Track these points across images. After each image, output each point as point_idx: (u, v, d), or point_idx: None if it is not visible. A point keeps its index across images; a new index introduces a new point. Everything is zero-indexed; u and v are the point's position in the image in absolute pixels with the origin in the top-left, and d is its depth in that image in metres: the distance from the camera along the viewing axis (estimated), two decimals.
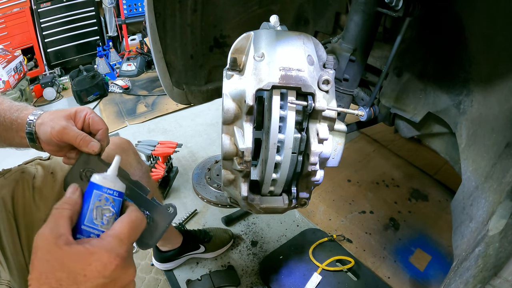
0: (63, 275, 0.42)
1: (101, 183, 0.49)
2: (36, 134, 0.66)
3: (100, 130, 0.66)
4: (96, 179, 0.50)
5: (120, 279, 0.45)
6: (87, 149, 0.61)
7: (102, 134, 0.65)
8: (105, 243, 0.45)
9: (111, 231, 0.47)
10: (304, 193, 0.76)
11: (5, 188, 0.74)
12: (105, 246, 0.44)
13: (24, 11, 3.11)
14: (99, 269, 0.43)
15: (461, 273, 0.62)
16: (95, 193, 0.49)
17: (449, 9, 0.87)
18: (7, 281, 0.65)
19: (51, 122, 0.63)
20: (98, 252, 0.44)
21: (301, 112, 0.68)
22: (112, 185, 0.50)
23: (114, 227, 0.47)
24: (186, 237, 1.38)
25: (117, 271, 0.44)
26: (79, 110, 0.66)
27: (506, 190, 0.64)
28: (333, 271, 1.36)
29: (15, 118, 0.68)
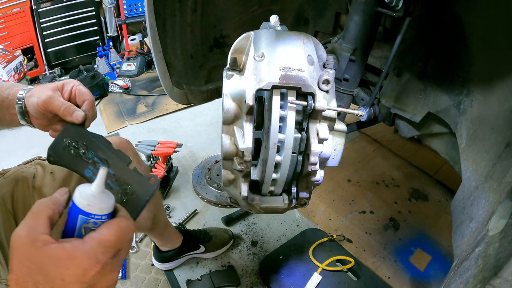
0: (41, 278, 0.40)
1: (88, 210, 0.43)
2: (25, 108, 0.66)
3: (86, 101, 0.65)
4: (80, 203, 0.43)
5: (99, 283, 0.42)
6: (71, 118, 0.61)
7: (87, 105, 0.65)
8: (87, 247, 0.42)
9: (97, 235, 0.43)
10: (304, 193, 0.76)
11: (4, 188, 0.75)
12: (87, 252, 0.41)
13: (24, 11, 3.11)
14: (78, 274, 0.41)
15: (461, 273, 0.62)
16: (81, 218, 0.44)
17: (449, 9, 0.87)
18: (6, 280, 0.65)
19: (38, 93, 0.64)
20: (79, 257, 0.41)
21: (301, 112, 0.68)
22: (99, 211, 0.44)
23: (100, 231, 0.43)
24: (186, 237, 1.38)
25: (97, 277, 0.42)
26: (66, 82, 0.67)
27: (506, 190, 0.64)
28: (333, 271, 1.37)
29: (6, 96, 0.68)
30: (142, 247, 1.53)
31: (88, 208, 0.43)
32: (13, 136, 2.59)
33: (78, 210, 0.43)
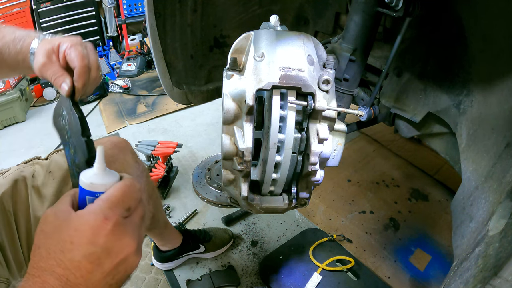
0: (52, 242, 0.39)
1: (91, 189, 0.43)
2: None
3: (76, 68, 0.58)
4: (84, 183, 0.43)
5: (114, 250, 0.39)
6: (60, 90, 0.57)
7: (77, 72, 0.58)
8: (94, 206, 0.41)
9: (103, 196, 0.42)
10: (304, 193, 0.76)
11: (4, 188, 0.75)
12: (93, 209, 0.40)
13: (24, 11, 3.11)
14: (87, 234, 0.38)
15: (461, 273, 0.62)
16: (89, 199, 0.44)
17: (449, 9, 0.87)
18: (5, 279, 0.65)
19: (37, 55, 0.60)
20: (85, 215, 0.40)
21: (301, 112, 0.68)
22: (103, 188, 0.43)
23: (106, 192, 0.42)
24: (186, 237, 1.38)
25: (109, 238, 0.39)
26: (62, 42, 0.60)
27: (506, 190, 0.64)
28: (333, 271, 1.36)
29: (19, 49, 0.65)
30: (142, 247, 1.53)
31: (91, 187, 0.43)
32: (13, 136, 2.59)
33: (84, 192, 0.43)
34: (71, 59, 0.58)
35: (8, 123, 2.69)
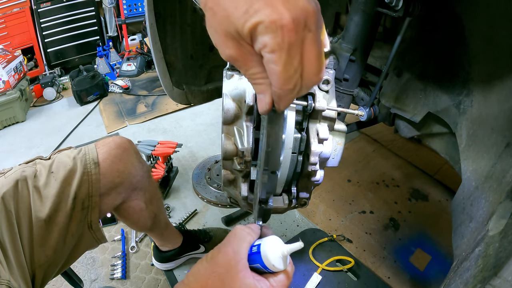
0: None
1: (267, 264, 0.49)
2: None
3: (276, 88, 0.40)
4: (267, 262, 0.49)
5: None
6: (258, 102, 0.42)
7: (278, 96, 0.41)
8: (266, 284, 0.48)
9: (277, 283, 0.49)
10: (304, 193, 0.76)
11: (5, 187, 0.74)
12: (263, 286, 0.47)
13: (24, 11, 3.11)
14: None
15: (461, 273, 0.62)
16: (258, 266, 0.50)
17: (449, 9, 0.87)
18: (6, 281, 0.65)
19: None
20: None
21: (301, 112, 0.68)
22: (273, 269, 0.49)
23: (280, 279, 0.50)
24: (186, 237, 1.38)
25: None
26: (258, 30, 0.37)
27: (506, 190, 0.64)
28: (333, 271, 1.37)
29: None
30: (142, 247, 1.53)
31: (268, 264, 0.49)
32: (13, 136, 2.59)
33: (260, 261, 0.49)
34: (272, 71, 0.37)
35: (8, 123, 2.69)
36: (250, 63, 0.38)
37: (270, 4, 0.33)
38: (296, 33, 0.34)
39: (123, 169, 0.91)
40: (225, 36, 0.37)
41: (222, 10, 0.35)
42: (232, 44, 0.37)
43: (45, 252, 0.77)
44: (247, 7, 0.33)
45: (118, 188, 0.92)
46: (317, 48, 0.37)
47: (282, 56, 0.35)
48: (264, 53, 0.35)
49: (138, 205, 1.04)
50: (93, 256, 1.49)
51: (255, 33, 0.34)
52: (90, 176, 0.84)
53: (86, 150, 0.88)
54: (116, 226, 1.63)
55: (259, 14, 0.33)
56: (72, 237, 0.83)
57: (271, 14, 0.33)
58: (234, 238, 0.51)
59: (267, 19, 0.33)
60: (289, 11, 0.33)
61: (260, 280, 0.48)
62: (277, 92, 0.38)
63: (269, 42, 0.34)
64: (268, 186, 0.52)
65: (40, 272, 0.77)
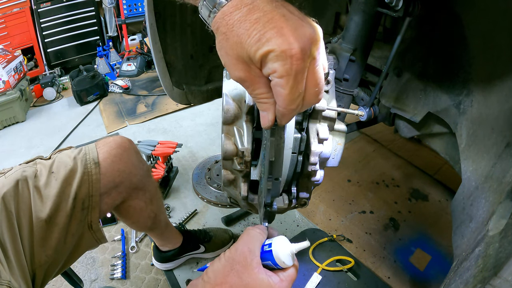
0: (237, 283, 0.52)
1: (278, 261, 0.54)
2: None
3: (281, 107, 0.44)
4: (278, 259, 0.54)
5: None
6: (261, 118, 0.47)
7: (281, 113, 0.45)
8: (284, 287, 0.53)
9: (286, 278, 0.54)
10: (304, 193, 0.76)
11: (6, 187, 0.74)
12: (276, 283, 0.52)
13: (24, 11, 3.11)
14: None
15: (461, 273, 0.62)
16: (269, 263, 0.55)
17: (449, 9, 0.87)
18: (7, 281, 0.65)
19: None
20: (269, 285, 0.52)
21: (301, 112, 0.68)
22: (283, 265, 0.55)
23: (289, 274, 0.55)
24: (186, 237, 1.38)
25: None
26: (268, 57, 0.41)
27: (506, 190, 0.64)
28: (333, 271, 1.37)
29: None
30: (142, 247, 1.53)
31: (279, 261, 0.54)
32: (13, 136, 2.59)
33: (272, 259, 0.55)
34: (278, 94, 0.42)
35: (8, 123, 2.69)
36: (257, 85, 0.42)
37: (280, 34, 0.37)
38: (303, 61, 0.38)
39: (123, 169, 0.91)
40: (236, 60, 0.41)
41: (235, 36, 0.39)
42: (242, 67, 0.41)
43: (46, 252, 0.77)
44: (260, 36, 0.37)
45: (118, 188, 0.92)
46: (320, 74, 0.42)
47: (290, 81, 0.39)
48: (272, 78, 0.40)
49: (138, 205, 1.04)
50: (93, 256, 1.49)
51: (265, 59, 0.38)
52: (90, 176, 0.84)
53: (86, 150, 0.88)
54: (116, 226, 1.63)
55: (271, 43, 0.37)
56: (73, 237, 0.83)
57: (281, 44, 0.37)
58: (248, 238, 0.56)
59: (278, 48, 0.37)
60: (297, 42, 0.37)
61: (271, 276, 0.53)
62: (280, 111, 0.43)
63: (278, 68, 0.38)
64: (272, 192, 0.57)
65: (40, 272, 0.77)
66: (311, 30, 0.39)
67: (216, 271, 0.55)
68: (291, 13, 0.40)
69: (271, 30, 0.37)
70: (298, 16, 0.40)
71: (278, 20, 0.38)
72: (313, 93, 0.43)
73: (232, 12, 0.40)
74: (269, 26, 0.38)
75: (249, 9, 0.39)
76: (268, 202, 0.60)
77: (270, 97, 0.43)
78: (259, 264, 0.54)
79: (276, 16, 0.38)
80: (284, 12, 0.39)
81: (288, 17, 0.39)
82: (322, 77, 0.43)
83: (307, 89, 0.42)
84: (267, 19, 0.38)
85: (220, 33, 0.42)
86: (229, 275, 0.53)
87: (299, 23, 0.39)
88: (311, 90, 0.42)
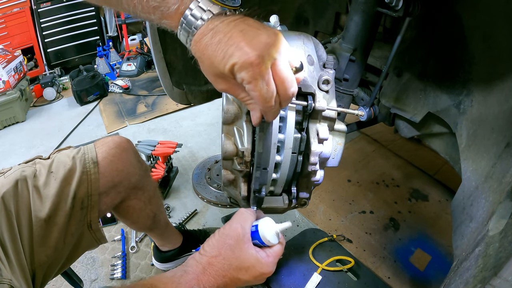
0: (234, 262, 0.60)
1: (264, 240, 0.62)
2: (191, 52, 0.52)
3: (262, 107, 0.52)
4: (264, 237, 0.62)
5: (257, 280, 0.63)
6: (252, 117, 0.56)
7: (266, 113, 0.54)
8: (269, 261, 0.62)
9: (272, 254, 0.63)
10: (304, 193, 0.76)
11: (5, 187, 0.74)
12: (268, 265, 0.62)
13: (24, 11, 3.11)
14: (256, 274, 0.61)
15: (461, 273, 0.62)
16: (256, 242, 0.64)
17: (449, 9, 0.87)
18: (8, 280, 0.65)
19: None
20: (264, 265, 0.62)
21: (301, 112, 0.68)
22: (269, 244, 0.63)
23: (274, 250, 0.64)
24: (186, 237, 1.38)
25: (262, 278, 0.63)
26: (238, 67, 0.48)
27: (506, 190, 0.64)
28: (333, 271, 1.36)
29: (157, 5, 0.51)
30: (142, 247, 1.53)
31: (265, 240, 0.62)
32: (13, 136, 2.59)
33: (259, 238, 0.63)
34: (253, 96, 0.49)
35: (8, 123, 2.69)
36: (237, 91, 0.51)
37: (239, 48, 0.45)
38: (263, 65, 0.45)
39: (122, 168, 0.92)
40: (214, 76, 0.50)
41: (207, 59, 0.48)
42: (221, 80, 0.50)
43: (45, 252, 0.77)
44: (224, 54, 0.46)
45: (117, 187, 0.92)
46: (283, 71, 0.48)
47: (257, 84, 0.46)
48: (244, 85, 0.47)
49: (137, 205, 1.04)
50: (93, 256, 1.49)
51: (233, 71, 0.46)
52: (89, 176, 0.84)
53: (85, 150, 0.88)
54: (116, 226, 1.63)
55: (233, 58, 0.45)
56: (72, 237, 0.83)
57: (241, 56, 0.45)
58: (241, 217, 0.65)
59: (239, 60, 0.45)
60: (254, 50, 0.44)
61: (259, 251, 0.62)
62: (262, 109, 0.52)
63: (244, 76, 0.46)
64: (260, 180, 0.65)
65: (40, 272, 0.77)
66: (266, 36, 0.46)
67: (211, 245, 0.63)
68: (249, 26, 0.47)
69: (231, 47, 0.45)
70: (255, 27, 0.47)
71: (236, 36, 0.45)
72: (284, 87, 0.49)
73: (200, 39, 0.48)
74: (229, 43, 0.45)
75: (213, 33, 0.47)
76: (257, 188, 0.67)
77: (251, 98, 0.51)
78: (249, 240, 0.62)
79: (235, 34, 0.46)
80: (242, 27, 0.46)
81: (246, 30, 0.46)
82: (288, 73, 0.49)
83: (277, 85, 0.48)
84: (227, 38, 0.46)
85: (197, 57, 0.51)
86: (223, 248, 0.61)
87: (255, 33, 0.46)
88: (281, 86, 0.48)
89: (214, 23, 0.48)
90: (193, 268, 0.62)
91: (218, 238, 0.63)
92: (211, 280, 0.61)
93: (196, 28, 0.49)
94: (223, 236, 0.63)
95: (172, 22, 0.51)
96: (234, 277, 0.61)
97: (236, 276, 0.61)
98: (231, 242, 0.62)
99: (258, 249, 0.62)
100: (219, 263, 0.61)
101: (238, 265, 0.61)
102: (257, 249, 0.62)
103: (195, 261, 0.63)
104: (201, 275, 0.61)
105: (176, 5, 0.50)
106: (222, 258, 0.61)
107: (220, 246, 0.62)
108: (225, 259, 0.61)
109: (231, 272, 0.61)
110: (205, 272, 0.61)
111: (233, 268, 0.61)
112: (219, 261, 0.61)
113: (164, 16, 0.51)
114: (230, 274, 0.61)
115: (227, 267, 0.61)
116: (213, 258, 0.61)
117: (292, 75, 0.50)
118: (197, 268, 0.62)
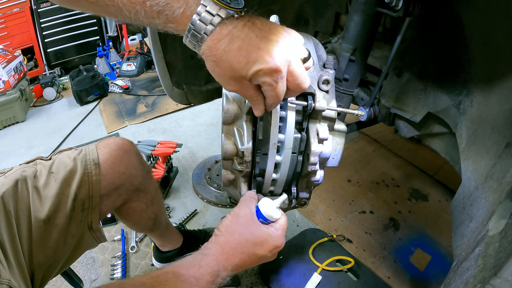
0: (250, 238, 0.65)
1: (267, 217, 0.67)
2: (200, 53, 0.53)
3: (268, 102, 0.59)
4: (265, 213, 0.67)
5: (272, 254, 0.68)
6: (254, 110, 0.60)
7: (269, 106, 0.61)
8: (279, 234, 0.67)
9: (279, 227, 0.68)
10: (304, 193, 0.76)
11: (5, 187, 0.74)
12: (279, 237, 0.67)
13: (24, 11, 3.11)
14: (270, 248, 0.66)
15: (461, 273, 0.62)
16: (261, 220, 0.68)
17: (449, 9, 0.87)
18: (7, 280, 0.65)
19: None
20: (276, 239, 0.66)
21: (301, 112, 0.68)
22: (272, 219, 0.68)
23: (280, 224, 0.68)
24: (187, 237, 1.38)
25: (275, 252, 0.68)
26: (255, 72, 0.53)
27: (506, 190, 0.64)
28: (333, 271, 1.36)
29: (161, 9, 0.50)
30: (142, 247, 1.53)
31: (268, 216, 0.67)
32: (13, 136, 2.59)
33: (262, 216, 0.67)
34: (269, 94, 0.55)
35: (8, 123, 2.69)
36: (249, 91, 0.56)
37: (260, 55, 0.50)
38: (282, 71, 0.52)
39: (124, 171, 0.91)
40: (229, 79, 0.53)
41: (226, 63, 0.51)
42: (234, 83, 0.54)
43: (45, 253, 0.77)
44: (247, 60, 0.50)
45: (118, 190, 0.92)
46: (298, 69, 0.54)
47: (277, 86, 0.53)
48: (263, 85, 0.53)
49: (139, 206, 1.04)
50: (93, 256, 1.49)
51: (255, 76, 0.51)
52: (90, 177, 0.84)
53: (86, 151, 0.88)
54: (116, 226, 1.63)
55: (258, 64, 0.50)
56: (72, 238, 0.83)
57: (267, 63, 0.50)
58: (248, 200, 0.70)
59: (264, 67, 0.50)
60: (276, 59, 0.50)
61: (268, 227, 0.67)
62: (269, 103, 0.57)
63: (267, 80, 0.52)
64: (260, 164, 0.70)
65: (39, 272, 0.77)
66: (281, 40, 0.52)
67: (226, 225, 0.67)
68: (262, 30, 0.51)
69: (253, 53, 0.50)
70: (267, 30, 0.52)
71: (255, 43, 0.50)
72: (297, 84, 0.55)
73: (216, 44, 0.50)
74: (250, 50, 0.50)
75: (229, 39, 0.50)
76: (257, 173, 0.71)
77: (259, 96, 0.56)
78: (257, 219, 0.67)
79: (252, 39, 0.50)
80: (257, 32, 0.51)
81: (261, 36, 0.51)
82: (301, 70, 0.55)
83: (291, 82, 0.55)
84: (247, 45, 0.50)
85: (210, 61, 0.52)
86: (237, 225, 0.66)
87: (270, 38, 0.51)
88: (295, 82, 0.55)
89: (227, 28, 0.50)
90: (212, 250, 0.65)
91: (231, 219, 0.67)
92: (230, 258, 0.64)
93: (207, 33, 0.50)
94: (235, 217, 0.67)
95: (179, 26, 0.52)
96: (251, 253, 0.65)
97: (253, 251, 0.65)
98: (243, 221, 0.66)
99: (267, 226, 0.67)
100: (236, 240, 0.65)
101: (254, 240, 0.65)
102: (266, 226, 0.67)
103: (212, 243, 0.66)
104: (220, 255, 0.64)
105: (181, 8, 0.50)
106: (238, 234, 0.65)
107: (234, 225, 0.66)
108: (241, 235, 0.65)
109: (248, 248, 0.64)
110: (223, 251, 0.64)
111: (250, 243, 0.64)
112: (236, 238, 0.65)
113: (170, 20, 0.51)
114: (247, 250, 0.64)
115: (244, 242, 0.64)
116: (230, 236, 0.65)
117: (305, 71, 0.56)
118: (215, 249, 0.65)
